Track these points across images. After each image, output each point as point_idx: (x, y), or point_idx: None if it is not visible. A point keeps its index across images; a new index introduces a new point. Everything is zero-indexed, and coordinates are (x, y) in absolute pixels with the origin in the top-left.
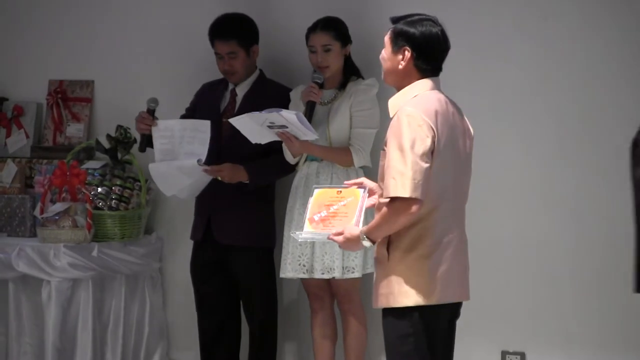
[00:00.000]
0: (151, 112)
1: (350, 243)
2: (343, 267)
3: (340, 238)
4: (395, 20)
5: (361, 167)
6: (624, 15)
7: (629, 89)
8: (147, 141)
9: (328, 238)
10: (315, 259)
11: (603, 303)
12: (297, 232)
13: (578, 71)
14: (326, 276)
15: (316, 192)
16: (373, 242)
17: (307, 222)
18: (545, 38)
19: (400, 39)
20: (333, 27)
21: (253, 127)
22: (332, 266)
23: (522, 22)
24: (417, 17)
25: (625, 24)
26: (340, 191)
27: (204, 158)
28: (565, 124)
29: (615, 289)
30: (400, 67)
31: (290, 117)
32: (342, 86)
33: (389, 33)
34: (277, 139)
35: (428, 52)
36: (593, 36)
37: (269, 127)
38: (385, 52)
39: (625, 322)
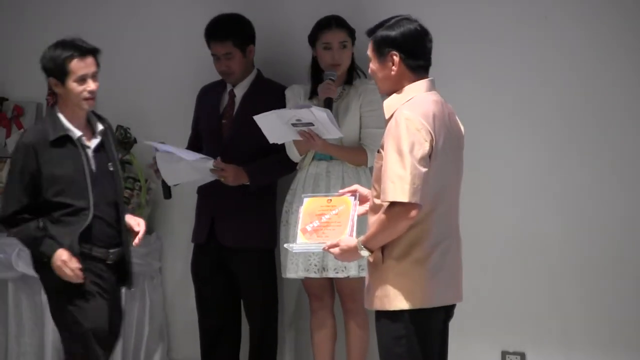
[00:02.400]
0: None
1: (347, 254)
2: (359, 265)
3: (336, 250)
4: (370, 32)
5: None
6: (624, 13)
7: (631, 86)
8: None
9: (323, 249)
10: (330, 257)
11: (604, 303)
12: (290, 245)
13: (579, 69)
14: (341, 275)
15: (305, 201)
16: (371, 251)
17: (299, 233)
18: (545, 36)
19: (383, 46)
20: (345, 25)
21: (276, 125)
22: (348, 265)
23: (522, 20)
24: (392, 21)
25: (626, 22)
26: (331, 199)
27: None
28: (566, 123)
29: (616, 289)
30: (392, 73)
31: (321, 115)
32: (348, 83)
33: (370, 46)
34: (297, 138)
35: (414, 49)
36: (594, 34)
37: (293, 124)
38: (374, 65)
39: (626, 322)
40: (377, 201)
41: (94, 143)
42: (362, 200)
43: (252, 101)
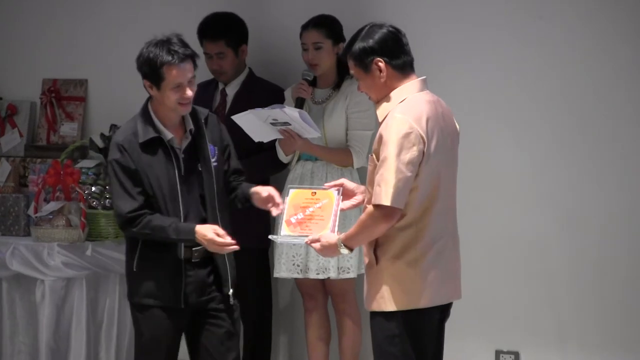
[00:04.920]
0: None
1: (327, 250)
2: (338, 267)
3: (317, 245)
4: (346, 51)
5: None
6: (618, 15)
7: (624, 87)
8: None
9: (305, 243)
10: (310, 259)
11: (597, 302)
12: (274, 236)
13: (573, 70)
14: (321, 276)
15: (291, 192)
16: (350, 249)
17: (284, 225)
18: (539, 37)
19: (364, 57)
20: (325, 25)
21: (256, 123)
22: (327, 266)
23: (516, 21)
24: (363, 33)
25: (620, 24)
26: (315, 192)
27: None
28: (560, 123)
29: (610, 288)
30: (382, 80)
31: (293, 115)
32: (337, 85)
33: (351, 64)
34: (280, 136)
35: (394, 49)
36: (588, 35)
37: (272, 123)
38: (362, 80)
39: (620, 321)
40: (369, 206)
41: (184, 144)
42: (348, 194)
43: (243, 100)
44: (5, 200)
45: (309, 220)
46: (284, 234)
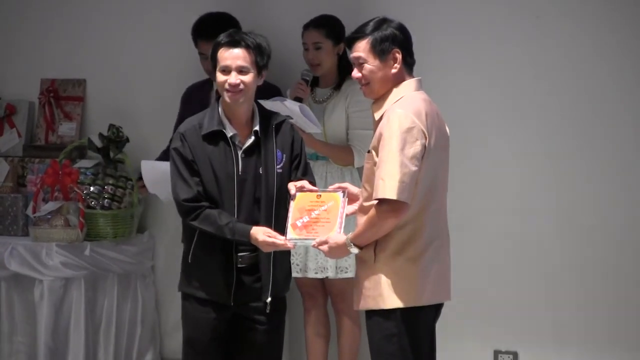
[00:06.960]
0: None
1: (336, 251)
2: (336, 267)
3: (325, 247)
4: (359, 33)
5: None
6: (616, 15)
7: (626, 83)
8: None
9: (313, 246)
10: (309, 258)
11: (596, 303)
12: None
13: (571, 70)
14: (320, 275)
15: (296, 196)
16: (360, 247)
17: (290, 228)
18: (537, 36)
19: (386, 45)
20: (325, 25)
21: None
22: (326, 265)
23: (514, 21)
24: (378, 21)
25: (618, 24)
26: (320, 195)
27: None
28: (556, 124)
29: (608, 289)
30: (394, 71)
31: (294, 109)
32: (338, 85)
33: (365, 46)
34: None
35: (409, 45)
36: (586, 35)
37: None
38: (372, 65)
39: (618, 321)
40: (366, 204)
41: (246, 144)
42: (352, 199)
43: None
44: (3, 200)
45: (315, 223)
46: (290, 238)
